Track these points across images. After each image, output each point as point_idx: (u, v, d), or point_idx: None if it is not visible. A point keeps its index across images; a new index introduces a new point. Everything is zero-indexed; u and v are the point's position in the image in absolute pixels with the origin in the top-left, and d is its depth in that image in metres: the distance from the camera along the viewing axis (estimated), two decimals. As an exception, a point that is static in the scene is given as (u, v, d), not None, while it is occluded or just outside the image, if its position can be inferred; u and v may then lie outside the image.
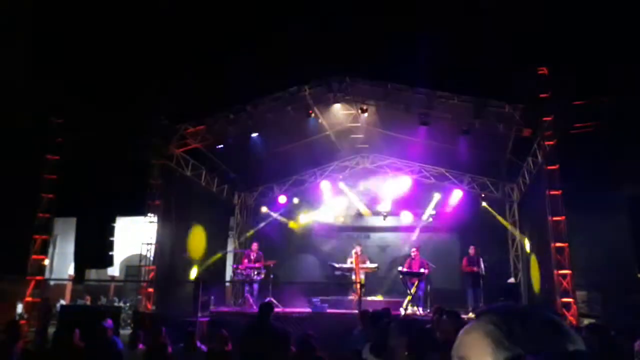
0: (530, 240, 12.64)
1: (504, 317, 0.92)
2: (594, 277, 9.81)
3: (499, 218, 14.35)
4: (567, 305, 9.14)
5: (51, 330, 9.35)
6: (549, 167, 9.89)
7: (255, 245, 13.28)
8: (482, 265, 12.42)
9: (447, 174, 15.08)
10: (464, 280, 12.94)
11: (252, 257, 12.90)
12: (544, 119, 10.00)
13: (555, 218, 9.65)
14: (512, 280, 13.39)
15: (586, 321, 8.42)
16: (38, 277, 10.76)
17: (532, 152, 11.46)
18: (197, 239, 13.43)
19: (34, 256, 10.69)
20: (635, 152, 8.94)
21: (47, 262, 12.02)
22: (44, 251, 11.07)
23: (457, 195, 14.77)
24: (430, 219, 15.02)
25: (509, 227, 14.35)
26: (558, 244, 9.55)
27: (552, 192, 9.73)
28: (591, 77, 9.14)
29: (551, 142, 9.97)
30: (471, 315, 9.20)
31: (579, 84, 9.32)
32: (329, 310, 11.40)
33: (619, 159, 9.24)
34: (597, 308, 9.90)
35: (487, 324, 0.92)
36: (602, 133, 9.27)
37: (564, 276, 9.37)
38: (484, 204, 14.36)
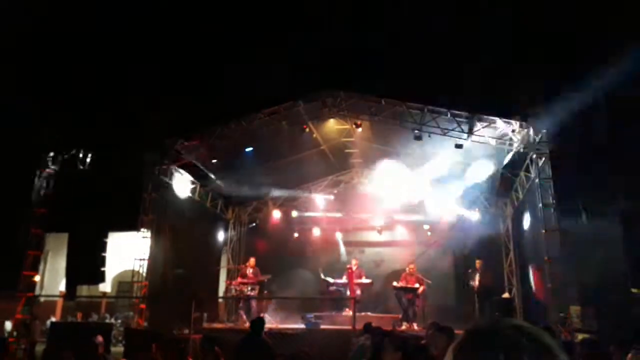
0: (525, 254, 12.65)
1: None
2: (588, 291, 9.81)
3: None
4: (561, 320, 9.11)
5: (41, 347, 9.21)
6: (542, 181, 9.95)
7: (252, 261, 13.18)
8: (476, 280, 12.37)
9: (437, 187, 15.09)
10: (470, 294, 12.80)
11: (247, 273, 12.78)
12: (537, 133, 10.08)
13: (548, 232, 9.67)
14: (506, 295, 13.35)
15: (580, 336, 8.39)
16: (29, 294, 10.61)
17: (525, 167, 11.53)
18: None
19: (25, 272, 10.55)
20: (628, 166, 9.01)
21: (37, 278, 11.87)
22: (35, 267, 10.93)
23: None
24: (429, 233, 15.03)
25: None
26: (552, 258, 9.56)
27: (546, 207, 9.77)
28: (581, 91, 9.24)
29: (544, 157, 10.04)
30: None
31: (568, 99, 9.42)
32: (323, 327, 11.30)
33: (611, 173, 9.32)
34: (592, 323, 9.87)
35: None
36: (595, 147, 9.36)
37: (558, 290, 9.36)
38: None
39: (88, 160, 10.92)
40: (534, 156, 10.36)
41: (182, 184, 13.11)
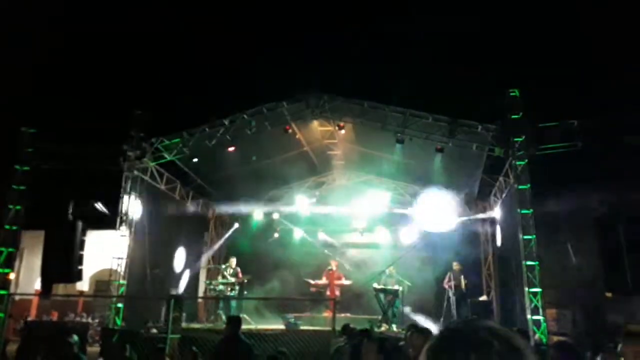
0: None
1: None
2: (564, 295, 10.00)
3: None
4: (537, 323, 9.26)
5: (13, 347, 9.03)
6: (520, 187, 10.09)
7: (233, 261, 13.15)
8: (462, 282, 12.53)
9: (421, 192, 15.22)
10: (446, 296, 12.93)
11: (228, 273, 12.74)
12: (515, 139, 10.23)
13: (526, 237, 9.81)
14: (484, 297, 13.53)
15: (555, 338, 8.56)
16: (3, 292, 10.40)
17: (504, 172, 11.69)
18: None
19: (-1, 269, 10.33)
20: (603, 173, 9.22)
21: (12, 276, 11.62)
22: (10, 265, 10.72)
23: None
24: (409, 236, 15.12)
25: None
26: (529, 263, 9.69)
27: (523, 212, 9.90)
28: (562, 99, 9.45)
29: (522, 162, 10.18)
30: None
31: (550, 106, 9.61)
32: (302, 327, 11.30)
33: (587, 180, 9.53)
34: (567, 326, 10.07)
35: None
36: (572, 154, 9.55)
37: (535, 294, 9.50)
38: None
39: (66, 156, 10.77)
40: (513, 162, 10.50)
41: (163, 183, 12.98)
